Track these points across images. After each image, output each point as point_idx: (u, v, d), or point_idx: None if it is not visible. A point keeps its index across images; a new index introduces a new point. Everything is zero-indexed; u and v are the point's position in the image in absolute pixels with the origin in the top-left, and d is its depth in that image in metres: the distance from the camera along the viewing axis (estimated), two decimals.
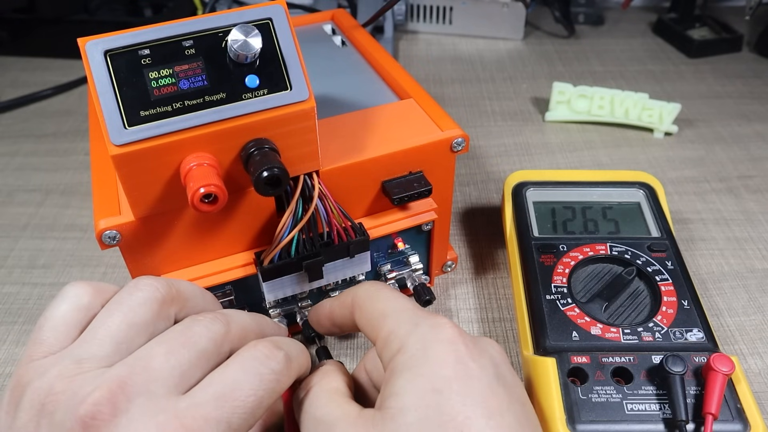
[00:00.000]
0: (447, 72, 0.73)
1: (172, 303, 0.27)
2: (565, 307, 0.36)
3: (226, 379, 0.25)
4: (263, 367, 0.26)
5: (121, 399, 0.23)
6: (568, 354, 0.33)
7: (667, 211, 0.43)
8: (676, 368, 0.31)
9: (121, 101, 0.28)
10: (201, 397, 0.24)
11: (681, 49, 0.76)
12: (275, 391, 0.26)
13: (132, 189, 0.30)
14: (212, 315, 0.27)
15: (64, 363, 0.24)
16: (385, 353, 0.27)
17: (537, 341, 0.35)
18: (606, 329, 0.35)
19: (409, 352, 0.26)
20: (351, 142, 0.36)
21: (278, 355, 0.27)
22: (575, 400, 0.31)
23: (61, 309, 0.26)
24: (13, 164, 0.58)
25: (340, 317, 0.31)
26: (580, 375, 0.33)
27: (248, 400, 0.24)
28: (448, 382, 0.24)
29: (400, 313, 0.28)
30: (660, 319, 0.35)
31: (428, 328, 0.26)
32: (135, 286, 0.27)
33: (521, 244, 0.41)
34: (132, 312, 0.26)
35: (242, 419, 0.24)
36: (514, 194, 0.45)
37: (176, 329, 0.26)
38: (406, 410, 0.24)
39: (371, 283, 0.31)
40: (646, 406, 0.31)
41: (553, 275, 0.38)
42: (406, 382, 0.25)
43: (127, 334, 0.25)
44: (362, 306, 0.29)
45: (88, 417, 0.22)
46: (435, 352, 0.25)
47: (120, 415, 0.22)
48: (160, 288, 0.27)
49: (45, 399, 0.23)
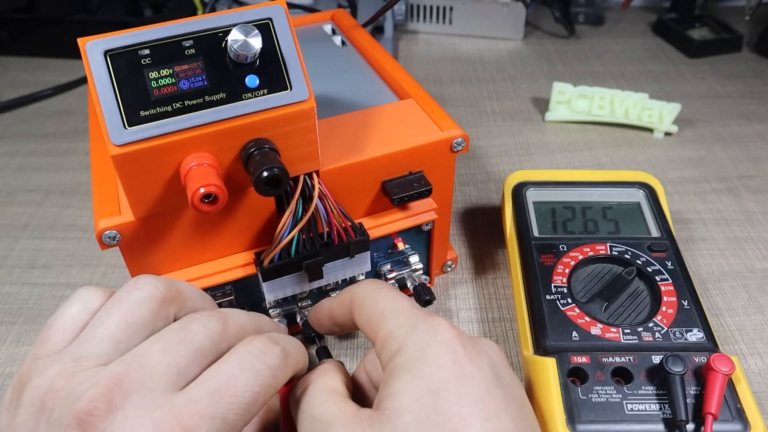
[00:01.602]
0: (447, 72, 0.73)
1: (172, 302, 0.27)
2: (565, 307, 0.36)
3: (221, 375, 0.25)
4: (259, 363, 0.26)
5: (117, 395, 0.23)
6: (568, 354, 0.33)
7: (667, 211, 0.43)
8: (676, 368, 0.31)
9: (121, 101, 0.28)
10: (196, 393, 0.24)
11: (681, 49, 0.76)
12: (271, 386, 0.26)
13: (132, 189, 0.30)
14: (210, 313, 0.27)
15: (64, 361, 0.24)
16: (383, 354, 0.27)
17: (537, 341, 0.35)
18: (606, 329, 0.35)
19: (407, 353, 0.26)
20: (351, 142, 0.36)
21: (275, 350, 0.27)
22: (575, 400, 0.31)
23: (71, 310, 0.27)
24: (13, 164, 0.58)
25: (339, 316, 0.31)
26: (580, 375, 0.33)
27: (244, 395, 0.25)
28: (445, 383, 0.24)
29: (398, 313, 0.28)
30: (660, 319, 0.35)
31: (427, 329, 0.26)
32: (134, 284, 0.27)
33: (521, 244, 0.41)
34: (131, 311, 0.26)
35: (238, 415, 0.24)
36: (514, 194, 0.45)
37: (174, 327, 0.26)
38: (402, 411, 0.24)
39: (370, 282, 0.31)
40: (646, 406, 0.31)
41: (553, 275, 0.38)
42: (403, 383, 0.25)
43: (126, 333, 0.25)
44: (361, 305, 0.29)
45: (84, 413, 0.22)
46: (433, 353, 0.25)
47: (116, 411, 0.23)
48: (160, 287, 0.27)
49: (44, 396, 0.24)
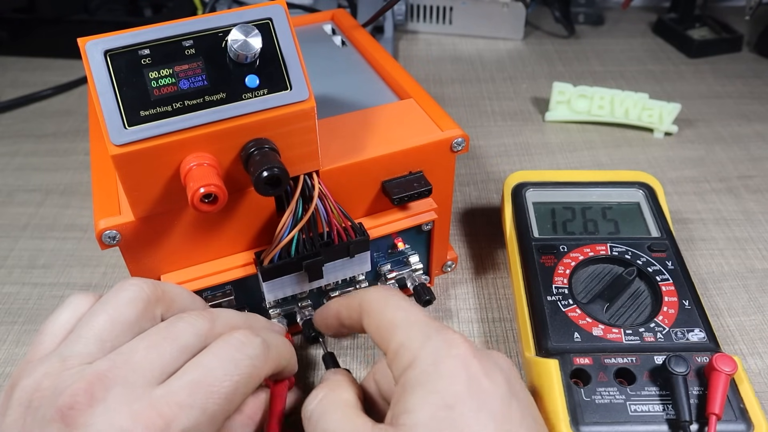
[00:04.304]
0: (447, 72, 0.73)
1: (158, 303, 0.28)
2: (566, 308, 0.36)
3: (200, 367, 0.25)
4: (238, 353, 0.26)
5: (98, 389, 0.23)
6: (571, 355, 0.33)
7: (667, 211, 0.43)
8: (679, 369, 0.31)
9: (121, 101, 0.28)
10: (176, 384, 0.24)
11: (681, 49, 0.76)
12: (252, 376, 0.26)
13: (132, 189, 0.30)
14: (197, 312, 0.28)
15: (51, 362, 0.25)
16: (395, 366, 0.27)
17: (539, 343, 0.35)
18: (608, 330, 0.35)
19: (420, 367, 0.26)
20: (351, 142, 0.36)
21: (254, 341, 0.27)
22: (579, 402, 0.31)
23: (61, 316, 0.27)
24: (13, 164, 0.58)
25: (347, 319, 0.31)
26: (583, 376, 0.33)
27: (223, 385, 0.25)
28: (460, 398, 0.24)
29: (411, 324, 0.27)
30: (661, 320, 0.35)
31: (440, 342, 0.26)
32: (120, 287, 0.27)
33: (521, 244, 0.41)
34: (116, 311, 0.26)
35: (218, 405, 0.25)
36: (513, 195, 0.45)
37: (160, 326, 0.27)
38: (418, 426, 0.24)
39: (380, 289, 0.30)
40: (650, 407, 0.31)
41: (554, 276, 0.38)
42: (418, 398, 0.25)
43: (111, 332, 0.26)
44: (371, 312, 0.29)
45: (65, 407, 0.23)
46: (447, 367, 0.25)
47: (96, 404, 0.23)
48: (146, 288, 0.27)
49: (32, 396, 0.24)
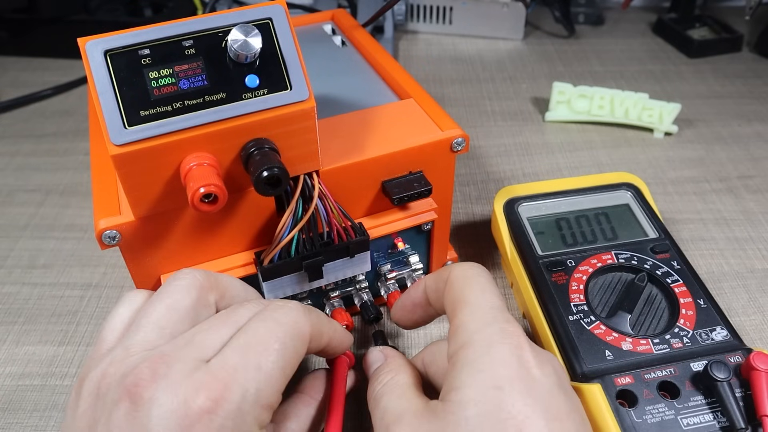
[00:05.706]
0: (447, 72, 0.73)
1: (211, 290, 0.29)
2: (590, 326, 0.35)
3: (246, 332, 0.26)
4: (278, 314, 0.27)
5: (161, 366, 0.24)
6: (611, 377, 0.32)
7: (656, 208, 0.43)
8: (722, 375, 0.30)
9: (121, 101, 0.28)
10: (227, 351, 0.25)
11: (681, 49, 0.76)
12: (297, 334, 0.27)
13: (132, 189, 0.30)
14: (256, 301, 0.29)
15: (115, 352, 0.26)
16: (451, 342, 0.28)
17: (572, 367, 0.33)
18: (636, 342, 0.34)
19: (473, 348, 0.27)
20: (351, 142, 0.36)
21: (291, 303, 0.28)
22: (632, 425, 0.30)
23: (120, 312, 0.29)
24: (13, 164, 0.58)
25: (433, 292, 0.32)
26: (628, 397, 0.32)
27: (269, 342, 0.26)
28: (510, 381, 0.25)
29: (478, 307, 0.28)
30: (683, 323, 0.35)
31: (498, 330, 0.27)
32: (174, 277, 0.28)
33: (527, 264, 0.39)
34: (171, 299, 0.27)
35: (271, 362, 0.25)
36: (506, 212, 0.43)
37: (221, 314, 0.28)
38: (466, 404, 0.25)
39: (473, 266, 0.31)
40: (700, 418, 0.30)
41: (569, 294, 0.37)
42: (467, 377, 0.26)
43: (170, 319, 0.27)
44: (454, 284, 0.30)
45: (131, 385, 0.24)
46: (498, 351, 0.26)
47: (159, 380, 0.24)
48: (198, 276, 0.28)
49: (99, 384, 0.25)
